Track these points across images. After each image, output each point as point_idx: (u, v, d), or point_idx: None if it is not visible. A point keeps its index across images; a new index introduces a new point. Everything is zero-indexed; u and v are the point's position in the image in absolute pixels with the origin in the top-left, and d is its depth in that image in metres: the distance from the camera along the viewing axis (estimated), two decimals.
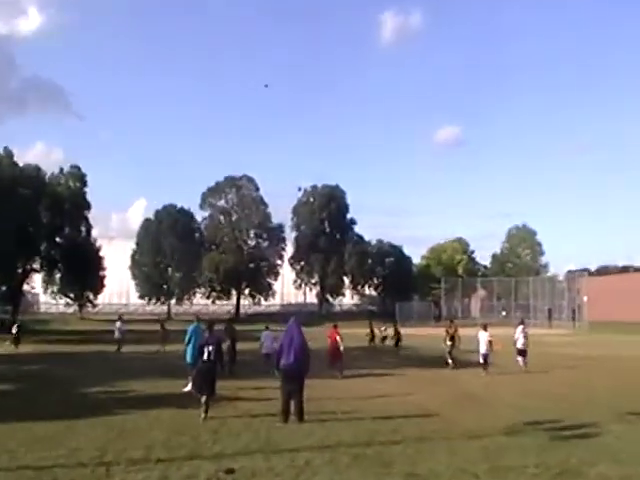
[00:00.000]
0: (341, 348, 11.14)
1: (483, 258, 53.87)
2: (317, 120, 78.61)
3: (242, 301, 46.20)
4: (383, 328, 18.91)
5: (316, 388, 8.80)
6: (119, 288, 45.73)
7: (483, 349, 11.62)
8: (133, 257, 42.29)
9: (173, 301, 43.86)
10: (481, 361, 11.64)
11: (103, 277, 36.66)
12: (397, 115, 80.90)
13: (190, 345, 8.62)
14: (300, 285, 46.07)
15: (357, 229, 47.87)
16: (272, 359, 8.18)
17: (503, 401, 7.98)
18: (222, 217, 46.01)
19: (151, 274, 41.60)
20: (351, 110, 79.91)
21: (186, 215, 45.23)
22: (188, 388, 8.46)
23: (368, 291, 47.58)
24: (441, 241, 52.90)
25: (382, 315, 43.65)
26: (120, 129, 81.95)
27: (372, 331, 17.25)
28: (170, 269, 43.87)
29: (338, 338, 11.28)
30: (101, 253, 35.81)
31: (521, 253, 51.88)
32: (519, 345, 11.95)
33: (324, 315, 44.94)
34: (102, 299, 42.74)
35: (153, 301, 42.64)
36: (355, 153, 79.47)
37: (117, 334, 16.67)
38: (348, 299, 46.86)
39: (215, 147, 78.95)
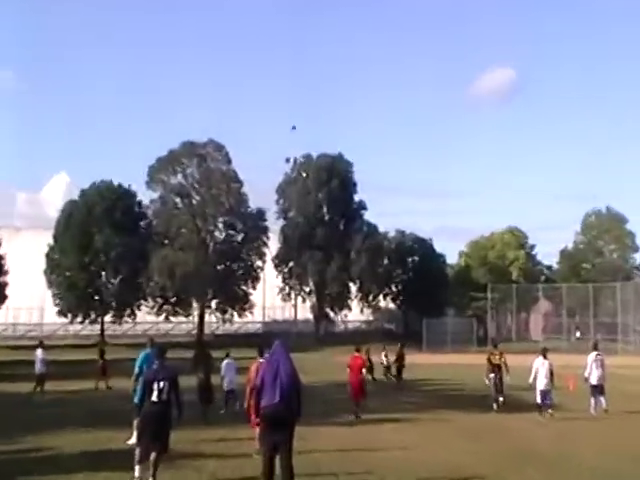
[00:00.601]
0: (365, 381, 12.13)
1: (547, 256, 60.18)
2: (311, 65, 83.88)
3: (208, 317, 47.08)
4: (383, 353, 20.04)
5: (310, 438, 8.92)
6: (29, 301, 45.66)
7: (542, 384, 11.50)
8: (49, 256, 41.17)
9: (108, 318, 45.25)
10: (539, 401, 11.59)
11: (3, 285, 38.09)
12: (422, 57, 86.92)
13: (140, 380, 8.79)
14: (289, 295, 47.68)
15: (368, 216, 48.77)
16: (239, 399, 8.32)
17: (575, 462, 7.56)
18: (178, 200, 45.99)
19: (76, 280, 41.02)
20: (357, 51, 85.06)
21: (127, 196, 44.89)
22: (133, 441, 8.50)
23: (384, 303, 50.32)
24: (487, 232, 53.49)
25: (403, 336, 45.87)
26: (29, 74, 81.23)
27: (369, 360, 18.22)
28: (104, 273, 43.97)
29: (363, 370, 12.03)
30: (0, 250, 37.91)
31: (603, 248, 50.52)
32: (593, 380, 11.94)
33: (322, 337, 45.91)
34: (3, 317, 43.75)
35: (79, 319, 42.24)
36: (364, 112, 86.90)
37: (38, 367, 15.09)
38: (356, 314, 48.44)
39: (170, 106, 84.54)
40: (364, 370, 12.06)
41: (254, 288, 45.77)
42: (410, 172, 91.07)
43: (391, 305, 51.49)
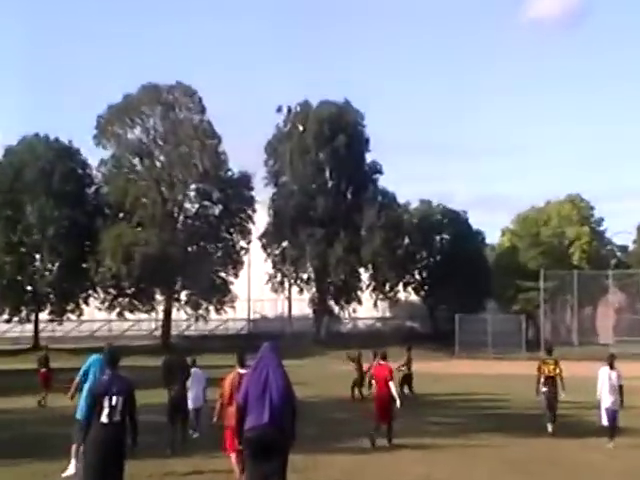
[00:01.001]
0: (395, 396, 12.05)
1: (619, 234, 53.45)
2: None
3: (176, 314, 47.35)
4: (402, 361, 20.18)
5: (307, 469, 9.07)
6: None
7: (608, 401, 11.18)
8: None
9: (44, 316, 45.17)
10: (604, 423, 11.33)
11: None
12: None
13: (86, 393, 8.42)
14: (281, 284, 48.90)
15: (384, 182, 49.28)
16: (205, 419, 8.53)
17: None
18: (137, 160, 46.26)
19: (1, 265, 41.62)
20: None
21: (68, 156, 44.55)
22: (71, 472, 8.43)
23: (404, 294, 51.10)
24: (539, 203, 53.30)
25: (430, 338, 46.26)
26: None
27: (360, 369, 19.07)
28: (39, 257, 43.90)
29: (391, 383, 12.23)
30: None
31: None
32: None
33: (324, 339, 46.38)
34: None
35: (5, 316, 42.54)
36: (376, 46, 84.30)
37: None
38: (367, 309, 49.50)
39: (127, 40, 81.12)
40: (391, 384, 12.33)
41: (236, 276, 46.69)
42: (438, 125, 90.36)
43: (413, 297, 52.09)
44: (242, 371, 8.27)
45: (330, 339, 45.36)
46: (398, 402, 12.04)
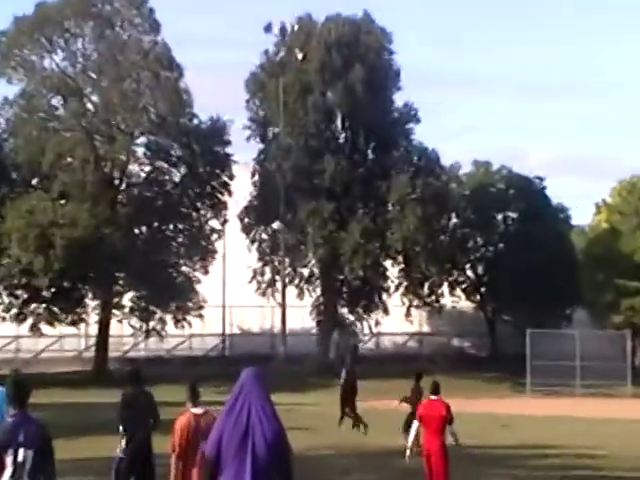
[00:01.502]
0: (451, 441, 12.97)
1: None
2: None
3: (116, 327, 48.08)
4: (402, 399, 21.49)
5: None
6: None
7: None
8: None
9: None
10: None
11: None
12: None
13: None
14: (271, 284, 49.81)
15: (420, 135, 50.49)
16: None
17: None
18: (58, 101, 46.83)
19: None
20: None
21: None
22: None
23: (450, 300, 51.80)
24: None
25: (490, 363, 47.92)
26: None
27: (343, 407, 21.61)
28: None
29: (450, 430, 13.03)
30: None
31: None
32: None
33: (334, 363, 46.87)
34: None
35: None
36: None
37: None
38: (397, 320, 50.23)
39: None
40: (450, 428, 12.96)
41: (206, 272, 47.36)
42: (500, 54, 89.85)
43: (464, 304, 52.79)
44: (197, 411, 8.80)
45: (343, 364, 45.42)
46: (456, 439, 12.83)
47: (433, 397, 13.25)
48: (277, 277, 49.36)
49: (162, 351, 50.04)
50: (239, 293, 50.64)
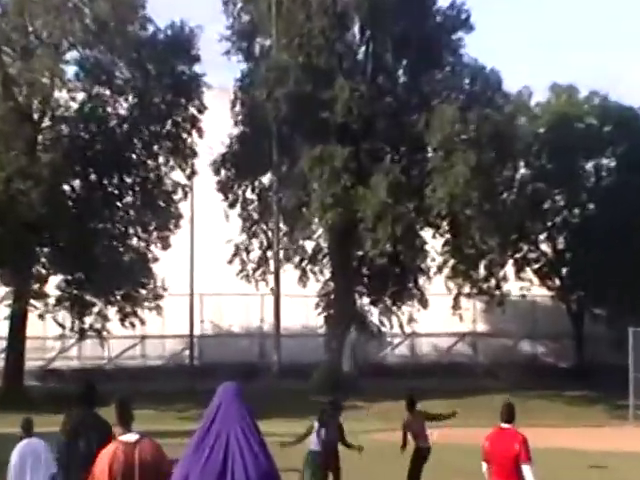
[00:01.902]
0: None
1: None
2: None
3: (36, 324, 48.15)
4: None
5: None
6: None
7: None
8: None
9: None
10: None
11: None
12: None
13: None
14: (260, 265, 50.92)
15: (473, 47, 54.17)
16: None
17: None
18: None
19: None
20: None
21: None
22: None
23: (516, 286, 52.14)
24: None
25: (575, 377, 48.20)
26: None
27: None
28: None
29: (526, 469, 13.07)
30: None
31: None
32: None
33: (350, 377, 48.87)
34: None
35: None
36: None
37: None
38: (439, 315, 51.20)
39: None
40: (526, 467, 13.05)
41: (165, 246, 48.40)
42: None
43: (537, 292, 53.40)
44: (128, 438, 8.71)
45: (364, 379, 46.02)
46: None
47: (505, 426, 13.34)
48: (269, 254, 49.80)
49: (102, 360, 50.55)
50: (214, 277, 50.78)
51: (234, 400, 6.70)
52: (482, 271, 48.37)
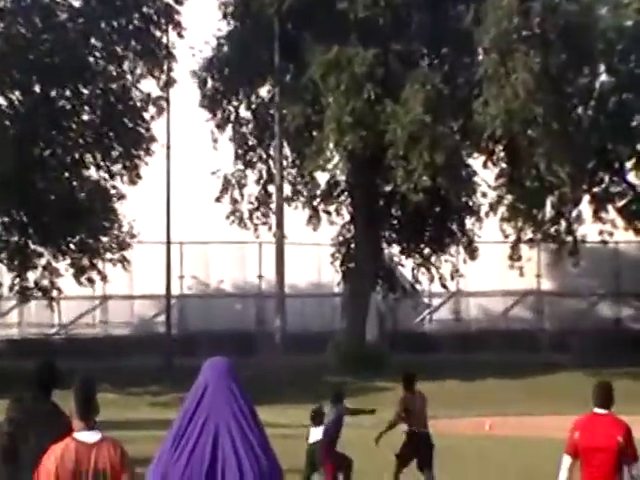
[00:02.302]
0: None
1: None
2: None
3: None
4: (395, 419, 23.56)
5: None
6: None
7: None
8: None
9: None
10: None
11: None
12: None
13: None
14: (260, 204, 51.85)
15: None
16: None
17: None
18: None
19: None
20: None
21: None
22: None
23: (595, 230, 52.96)
24: None
25: None
26: None
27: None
28: None
29: (629, 468, 13.24)
30: None
31: None
32: None
33: (376, 348, 49.77)
34: None
35: None
36: None
37: None
38: (494, 271, 52.14)
39: None
40: None
41: (134, 179, 49.02)
42: None
43: (621, 237, 54.45)
44: (86, 437, 8.67)
45: (394, 352, 46.57)
46: None
47: (601, 411, 13.21)
48: (270, 189, 50.42)
49: (51, 328, 51.22)
50: (198, 220, 51.60)
51: (224, 380, 6.79)
52: (549, 210, 48.75)
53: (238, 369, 6.73)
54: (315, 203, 50.34)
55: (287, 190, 50.09)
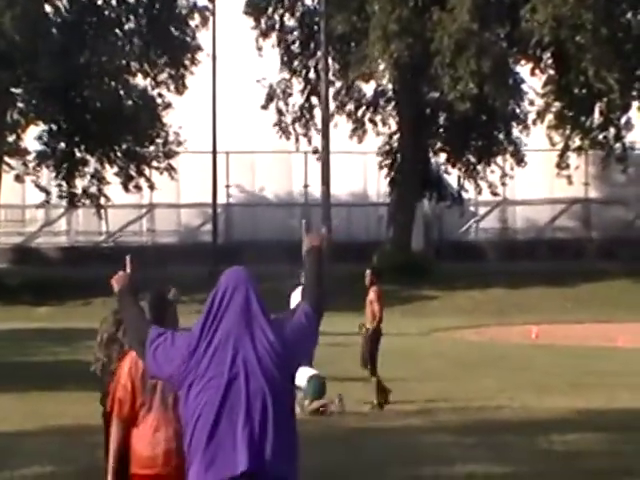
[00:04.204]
0: None
1: None
2: None
3: (13, 191, 49.09)
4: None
5: None
6: None
7: None
8: None
9: None
10: None
11: None
12: None
13: None
14: (304, 113, 51.68)
15: None
16: None
17: None
18: None
19: None
20: None
21: None
22: None
23: None
24: None
25: None
26: None
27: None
28: None
29: None
30: None
31: None
32: None
33: (422, 256, 50.00)
34: None
35: None
36: None
37: None
38: (541, 179, 52.60)
39: None
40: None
41: (180, 89, 48.87)
42: None
43: None
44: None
45: (441, 260, 46.78)
46: None
47: None
48: (313, 100, 50.22)
49: (99, 236, 51.62)
50: (243, 129, 51.59)
51: (239, 290, 6.78)
52: (597, 117, 48.32)
53: (252, 277, 6.65)
54: (360, 113, 50.01)
55: (332, 101, 49.56)
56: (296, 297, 20.85)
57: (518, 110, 48.45)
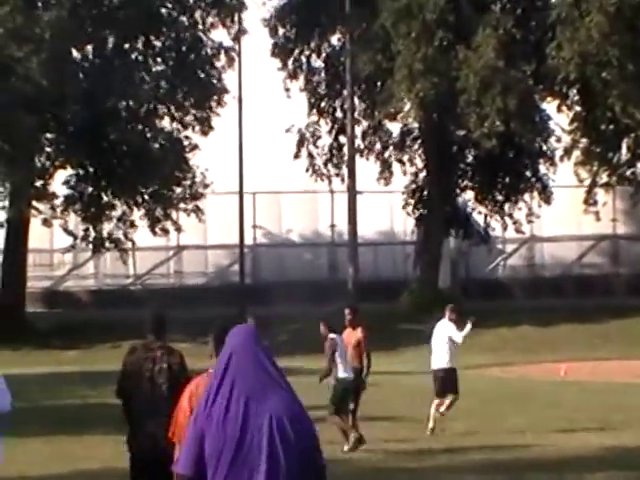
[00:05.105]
0: None
1: None
2: None
3: (40, 235, 48.70)
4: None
5: None
6: None
7: None
8: None
9: None
10: None
11: None
12: None
13: None
14: (333, 154, 51.13)
15: None
16: None
17: None
18: None
19: None
20: None
21: None
22: None
23: None
24: None
25: None
26: None
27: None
28: None
29: None
30: None
31: None
32: None
33: (450, 293, 48.21)
34: None
35: None
36: None
37: None
38: (568, 216, 52.30)
39: None
40: None
41: (204, 131, 48.83)
42: None
43: None
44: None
45: (467, 298, 46.05)
46: None
47: None
48: (342, 138, 50.21)
49: (127, 279, 51.63)
50: (269, 169, 51.69)
51: (247, 349, 6.66)
52: (624, 153, 48.08)
53: (257, 333, 6.45)
54: (387, 155, 50.10)
55: (359, 141, 49.66)
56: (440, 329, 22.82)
57: (545, 147, 48.20)
